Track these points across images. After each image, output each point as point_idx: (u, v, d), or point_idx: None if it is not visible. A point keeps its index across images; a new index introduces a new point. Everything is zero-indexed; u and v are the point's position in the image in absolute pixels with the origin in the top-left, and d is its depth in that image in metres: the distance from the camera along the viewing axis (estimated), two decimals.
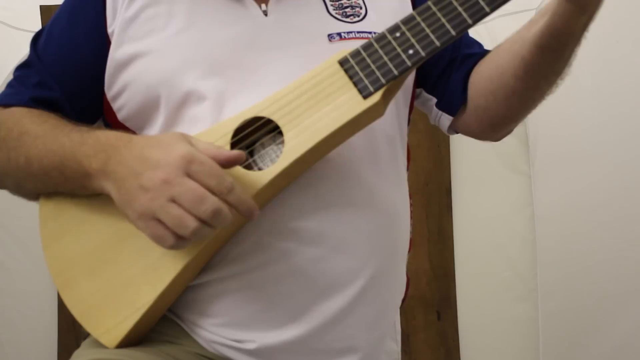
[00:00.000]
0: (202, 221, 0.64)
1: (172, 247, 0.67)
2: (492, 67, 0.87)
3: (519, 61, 0.81)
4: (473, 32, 0.88)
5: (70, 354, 0.80)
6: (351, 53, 0.73)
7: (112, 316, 0.75)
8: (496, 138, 0.96)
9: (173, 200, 0.65)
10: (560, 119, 1.58)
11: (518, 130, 1.61)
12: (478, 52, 0.92)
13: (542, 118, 1.62)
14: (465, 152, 1.67)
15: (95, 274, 0.76)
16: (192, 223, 0.64)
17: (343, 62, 0.73)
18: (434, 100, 0.94)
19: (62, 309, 1.66)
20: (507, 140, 0.98)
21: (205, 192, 0.64)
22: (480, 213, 1.69)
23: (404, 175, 0.89)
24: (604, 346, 1.53)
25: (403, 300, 0.91)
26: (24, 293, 1.69)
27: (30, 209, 1.65)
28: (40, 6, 1.64)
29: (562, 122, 1.57)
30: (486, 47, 0.96)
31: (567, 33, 0.75)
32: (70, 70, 0.84)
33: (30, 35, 0.89)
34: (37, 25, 1.63)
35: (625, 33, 1.46)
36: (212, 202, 0.64)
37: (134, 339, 0.77)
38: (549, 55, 0.78)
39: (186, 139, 0.69)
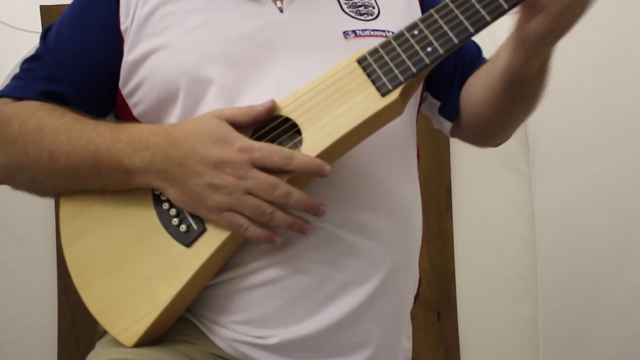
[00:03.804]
0: (277, 204, 0.71)
1: (251, 233, 0.72)
2: (473, 89, 0.90)
3: (490, 90, 0.84)
4: None
5: (70, 354, 0.81)
6: (369, 51, 0.73)
7: (130, 314, 0.76)
8: (493, 145, 0.99)
9: (249, 193, 0.71)
10: (560, 118, 1.58)
11: (518, 130, 1.62)
12: (480, 62, 0.94)
13: (542, 118, 1.62)
14: (465, 152, 1.67)
15: (114, 272, 0.77)
16: (269, 209, 0.71)
17: (361, 61, 0.73)
18: (438, 104, 0.96)
19: (62, 309, 1.66)
20: (507, 140, 0.99)
21: (275, 178, 0.71)
22: (480, 213, 1.69)
23: (415, 173, 0.91)
24: (604, 346, 1.53)
25: (415, 298, 0.92)
26: (24, 293, 1.69)
27: (30, 208, 1.66)
28: (40, 6, 1.64)
29: (562, 122, 1.57)
30: (486, 47, 0.96)
31: (525, 75, 0.77)
32: (81, 66, 0.85)
33: (30, 35, 0.89)
34: (37, 25, 1.63)
35: (625, 33, 1.46)
36: (282, 186, 0.71)
37: (152, 338, 0.77)
38: (514, 91, 0.81)
39: (226, 124, 0.73)
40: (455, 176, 1.69)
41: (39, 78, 0.85)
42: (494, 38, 0.90)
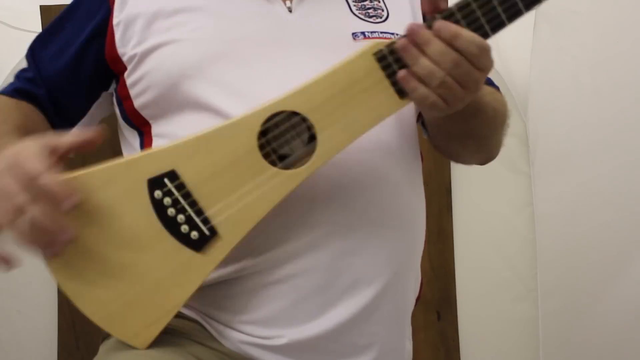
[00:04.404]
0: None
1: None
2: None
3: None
4: None
5: (70, 353, 0.80)
6: (388, 47, 0.71)
7: (140, 320, 0.76)
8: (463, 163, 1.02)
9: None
10: (561, 118, 1.58)
11: (518, 130, 1.63)
12: None
13: (542, 118, 1.62)
14: None
15: (114, 280, 0.76)
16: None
17: (380, 59, 0.71)
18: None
19: (62, 309, 1.66)
20: (507, 140, 0.99)
21: (18, 187, 0.67)
22: (480, 213, 1.69)
23: (420, 175, 0.92)
24: (604, 346, 1.53)
25: (417, 299, 0.92)
26: (24, 293, 1.69)
27: None
28: (40, 6, 1.64)
29: (563, 121, 1.57)
30: None
31: (444, 127, 0.84)
32: (62, 66, 0.87)
33: (30, 35, 0.90)
34: (37, 25, 1.64)
35: (625, 33, 1.46)
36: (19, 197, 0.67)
37: (157, 337, 0.79)
38: (444, 136, 0.88)
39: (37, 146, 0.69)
40: (455, 176, 1.69)
41: (21, 79, 0.89)
42: (496, 44, 0.90)
